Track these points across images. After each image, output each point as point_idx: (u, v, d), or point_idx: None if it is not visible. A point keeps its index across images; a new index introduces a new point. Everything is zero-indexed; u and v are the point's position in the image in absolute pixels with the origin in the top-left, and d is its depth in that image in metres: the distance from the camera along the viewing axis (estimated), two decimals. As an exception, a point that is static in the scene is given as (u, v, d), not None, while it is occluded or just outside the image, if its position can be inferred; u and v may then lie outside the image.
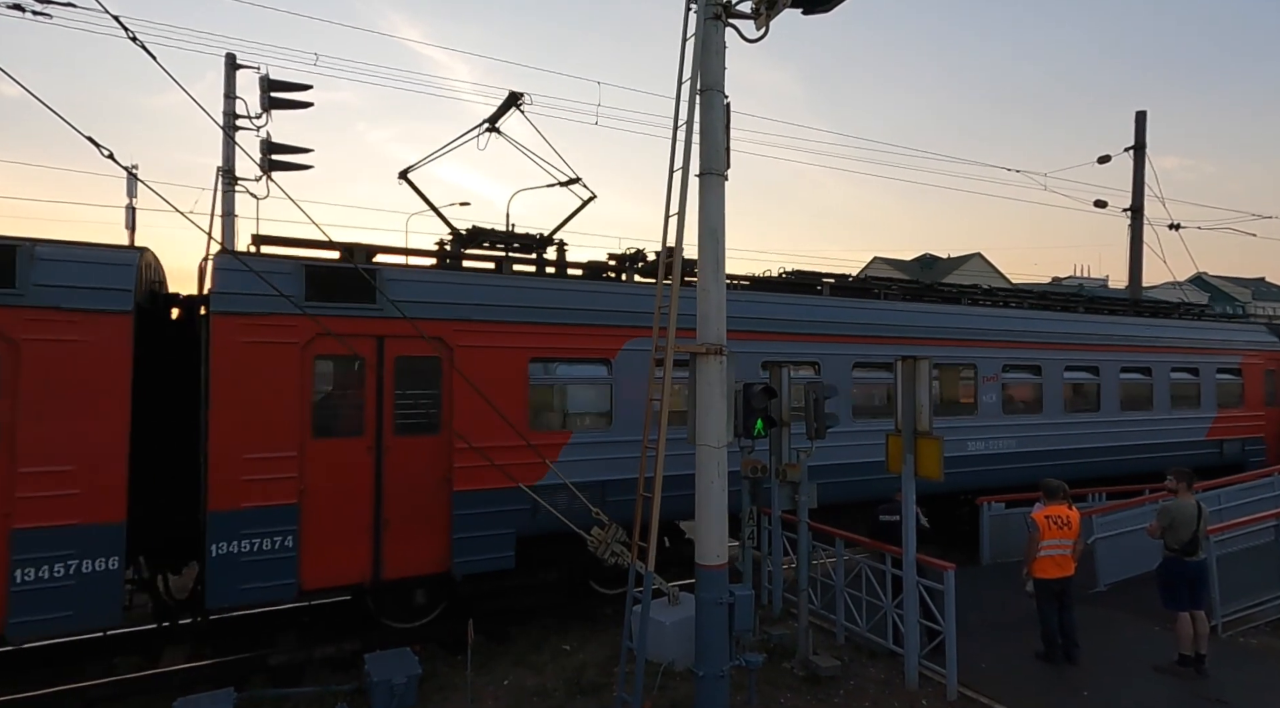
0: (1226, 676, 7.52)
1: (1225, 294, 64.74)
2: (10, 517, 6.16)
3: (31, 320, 6.28)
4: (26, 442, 6.24)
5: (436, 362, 8.05)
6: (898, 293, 12.40)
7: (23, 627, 6.25)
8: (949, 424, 11.52)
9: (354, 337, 7.55)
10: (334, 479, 7.49)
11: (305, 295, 7.39)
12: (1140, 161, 19.43)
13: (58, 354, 6.36)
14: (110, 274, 6.66)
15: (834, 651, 8.04)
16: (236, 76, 13.95)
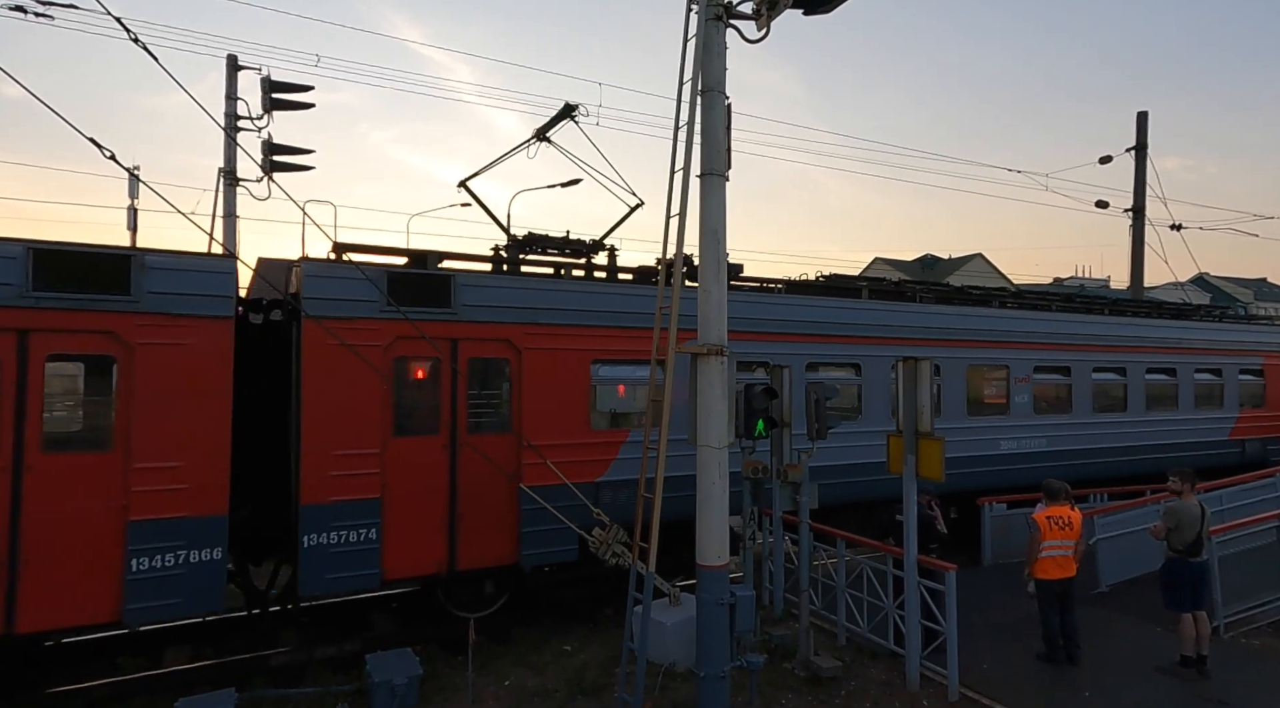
0: (1228, 677, 7.51)
1: (1227, 295, 64.65)
2: (127, 510, 6.59)
3: (144, 326, 6.70)
4: (140, 439, 6.66)
5: (506, 363, 8.44)
6: (933, 296, 12.67)
7: (138, 613, 6.67)
8: (983, 424, 12.04)
9: (433, 339, 7.89)
10: (412, 475, 7.84)
11: (387, 300, 7.73)
12: (1141, 162, 19.43)
13: (167, 357, 6.77)
14: (213, 281, 7.06)
15: (835, 651, 8.03)
16: (238, 77, 13.96)
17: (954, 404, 11.79)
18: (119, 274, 6.65)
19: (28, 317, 6.35)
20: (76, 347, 6.58)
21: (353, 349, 7.45)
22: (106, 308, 6.60)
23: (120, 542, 6.57)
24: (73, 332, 6.52)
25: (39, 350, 6.42)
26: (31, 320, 6.37)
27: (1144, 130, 19.49)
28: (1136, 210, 19.41)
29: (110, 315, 6.61)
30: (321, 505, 7.34)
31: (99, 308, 6.57)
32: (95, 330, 6.57)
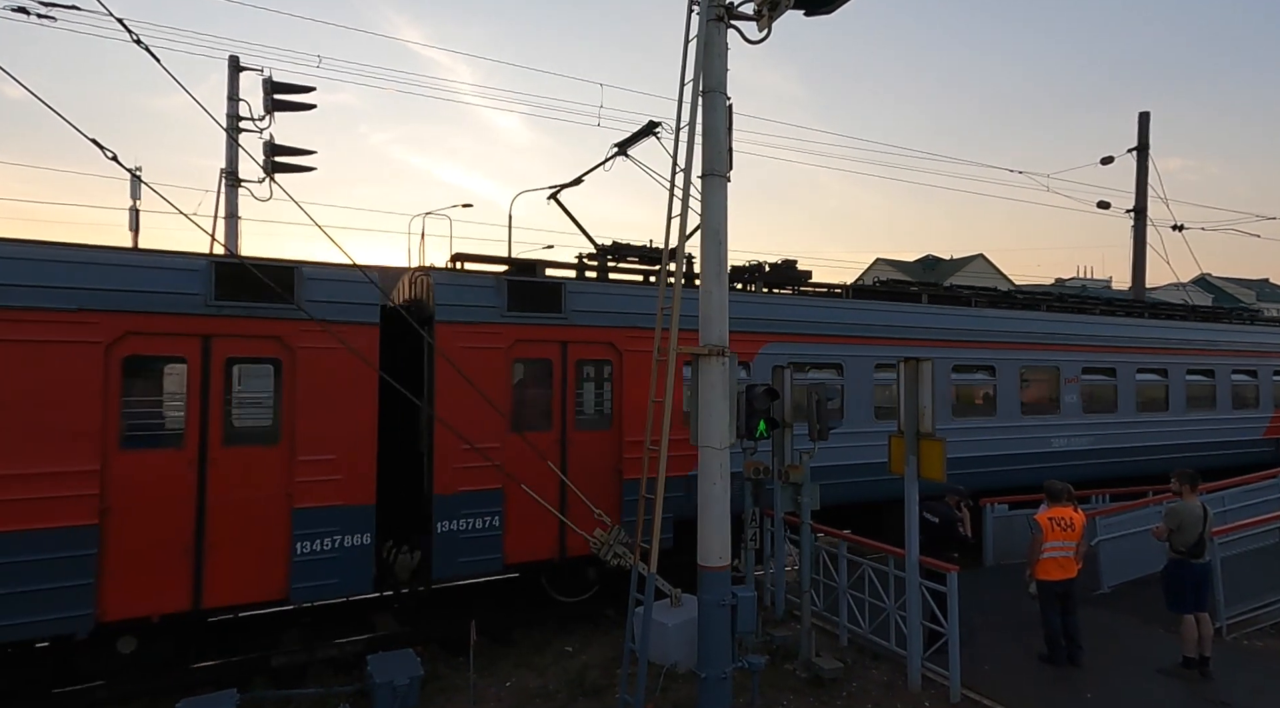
0: (1231, 678, 7.50)
1: (1229, 295, 64.54)
2: (291, 498, 7.25)
3: (305, 331, 7.32)
4: (303, 434, 7.31)
5: (608, 364, 9.07)
6: (985, 301, 13.23)
7: (301, 591, 7.35)
8: (1036, 422, 12.65)
9: (545, 343, 8.60)
10: (529, 468, 8.30)
11: (507, 306, 8.40)
12: (1143, 162, 19.42)
13: (324, 360, 7.41)
14: (362, 291, 7.69)
15: (837, 652, 8.02)
16: (240, 78, 14.00)
17: (1009, 404, 12.32)
18: (284, 285, 7.26)
19: (210, 324, 7.04)
20: (250, 350, 7.27)
21: (477, 351, 8.14)
22: (274, 315, 7.25)
23: (286, 527, 7.22)
24: (247, 337, 7.23)
25: (219, 353, 7.12)
26: (213, 327, 7.06)
27: (1146, 131, 19.48)
28: (1138, 211, 19.40)
29: (277, 322, 7.30)
30: (451, 495, 7.96)
31: (268, 315, 7.24)
32: (265, 336, 7.27)
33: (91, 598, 6.44)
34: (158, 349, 6.91)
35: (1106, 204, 20.03)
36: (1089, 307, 14.82)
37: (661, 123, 10.27)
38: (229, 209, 14.04)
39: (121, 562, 6.59)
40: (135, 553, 6.65)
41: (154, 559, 6.73)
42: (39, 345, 6.31)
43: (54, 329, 6.37)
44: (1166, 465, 13.58)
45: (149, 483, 6.73)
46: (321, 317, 7.31)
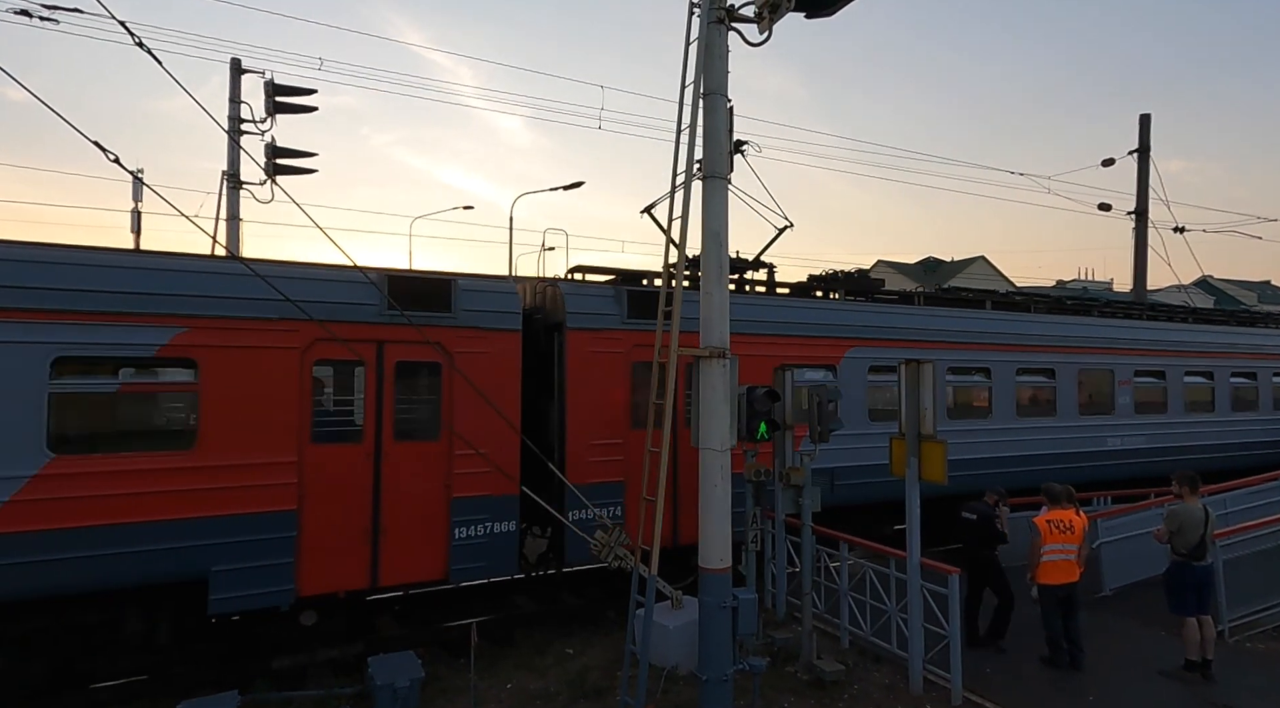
0: (1233, 681, 7.48)
1: (1230, 297, 64.47)
2: (450, 488, 8.06)
3: (460, 337, 8.15)
4: (459, 430, 8.07)
5: None
6: (1044, 306, 13.94)
7: (459, 572, 8.15)
8: (1093, 422, 13.36)
9: (646, 347, 8.95)
10: (629, 464, 9.04)
11: (627, 314, 9.21)
12: (1144, 165, 19.41)
13: (476, 363, 8.16)
14: (507, 300, 8.56)
15: (838, 655, 8.01)
16: (241, 81, 14.01)
17: (1068, 405, 13.04)
18: (443, 295, 8.11)
19: (383, 331, 7.81)
20: (416, 355, 8.00)
21: (602, 355, 8.96)
22: (435, 323, 8.02)
23: (446, 515, 8.02)
24: (413, 343, 7.94)
25: (390, 358, 7.89)
26: (385, 334, 7.82)
27: (1147, 133, 19.47)
28: (1139, 213, 19.39)
29: (438, 329, 8.05)
30: (581, 486, 8.59)
31: (430, 323, 7.99)
32: (428, 342, 7.98)
33: (292, 575, 7.28)
34: (341, 354, 7.68)
35: (1108, 206, 20.03)
36: (1136, 312, 15.43)
37: (748, 142, 10.91)
38: (230, 211, 14.04)
39: (314, 543, 7.42)
40: (325, 535, 7.46)
41: (340, 542, 7.55)
42: (255, 351, 7.18)
43: (265, 337, 7.22)
44: (1212, 464, 14.63)
45: (335, 474, 7.52)
46: (474, 324, 8.22)
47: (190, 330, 6.94)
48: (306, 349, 7.41)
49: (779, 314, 10.39)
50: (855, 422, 10.64)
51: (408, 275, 8.11)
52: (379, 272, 7.96)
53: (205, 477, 6.92)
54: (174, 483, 6.79)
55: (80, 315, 6.49)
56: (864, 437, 10.63)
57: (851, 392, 10.66)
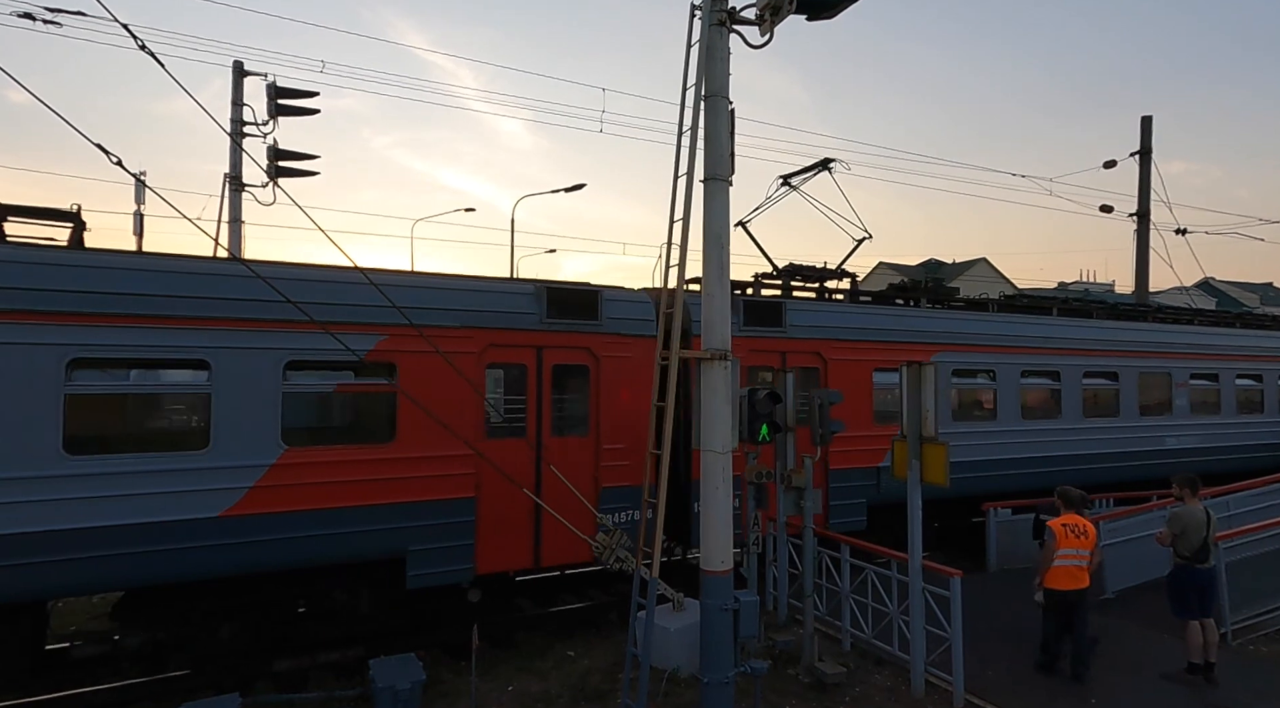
0: (1236, 684, 7.46)
1: (1233, 299, 64.33)
2: (599, 479, 8.95)
3: (606, 343, 9.05)
4: (605, 426, 8.97)
5: (816, 371, 10.70)
6: (1105, 313, 14.79)
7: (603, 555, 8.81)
8: (1153, 423, 14.17)
9: (770, 352, 10.26)
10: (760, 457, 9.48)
11: (744, 322, 9.97)
12: (1146, 167, 19.39)
13: (619, 366, 9.08)
14: (643, 309, 9.46)
15: (840, 657, 8.00)
16: (244, 84, 14.04)
17: (1130, 406, 13.88)
18: (592, 305, 9.01)
19: (542, 337, 8.70)
20: (569, 358, 8.89)
21: None
22: (585, 330, 8.93)
23: (595, 503, 8.82)
24: (567, 348, 8.87)
25: (548, 361, 8.76)
26: (544, 340, 8.71)
27: (1148, 135, 19.46)
28: (1141, 215, 19.37)
29: (587, 336, 8.96)
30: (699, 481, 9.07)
31: (581, 330, 8.90)
32: (579, 347, 8.92)
33: (472, 555, 8.16)
34: (508, 358, 8.62)
35: (1109, 208, 20.01)
36: (1188, 318, 16.17)
37: (836, 160, 11.68)
38: (233, 214, 14.06)
39: (489, 527, 8.31)
40: (497, 520, 8.35)
41: (509, 526, 8.43)
42: (450, 357, 7.85)
43: (450, 343, 8.02)
44: (1259, 462, 15.32)
45: (504, 465, 8.11)
46: (617, 331, 9.13)
47: (390, 338, 7.80)
48: (482, 353, 8.35)
49: (872, 322, 11.28)
50: (941, 421, 11.30)
51: (562, 287, 8.98)
52: (537, 284, 8.88)
53: (403, 467, 7.78)
54: (378, 472, 7.66)
55: (307, 325, 7.13)
56: (951, 435, 11.32)
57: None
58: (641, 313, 9.45)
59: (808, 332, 10.55)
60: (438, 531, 7.92)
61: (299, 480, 7.29)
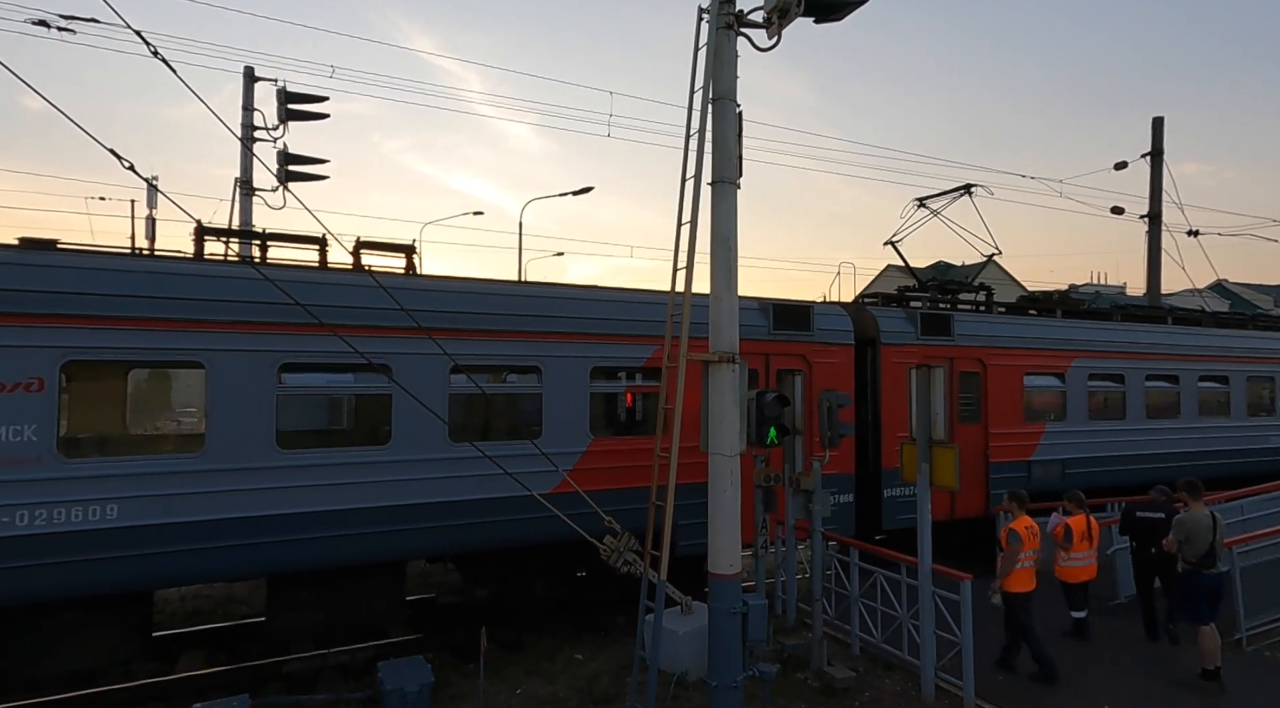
0: (1252, 690, 7.38)
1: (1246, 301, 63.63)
2: None
3: (816, 350, 10.52)
4: (812, 422, 9.48)
5: (978, 375, 11.99)
6: (1213, 321, 15.92)
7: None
8: (1259, 423, 15.40)
9: (941, 358, 11.41)
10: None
11: (920, 332, 11.47)
12: (1158, 168, 19.25)
13: (826, 370, 10.50)
14: (843, 322, 10.95)
15: (849, 662, 7.96)
16: (255, 89, 14.14)
17: (1239, 407, 15.11)
18: (805, 318, 10.54)
19: (770, 346, 10.16)
20: (789, 363, 10.20)
21: (901, 365, 10.93)
22: (801, 339, 10.42)
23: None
24: (788, 354, 10.29)
25: (774, 366, 10.22)
26: (771, 348, 10.18)
27: (1160, 136, 19.32)
28: (1152, 216, 19.23)
29: (802, 344, 10.43)
30: (891, 470, 10.85)
31: (798, 339, 10.41)
32: (796, 354, 10.34)
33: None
34: (748, 363, 9.30)
35: (1120, 209, 19.87)
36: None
37: (976, 185, 12.94)
38: (243, 218, 14.17)
39: None
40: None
41: (744, 508, 8.98)
42: (700, 363, 8.97)
43: (704, 350, 8.81)
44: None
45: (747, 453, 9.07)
46: (824, 340, 10.61)
47: (660, 348, 8.72)
48: None
49: (1022, 331, 12.63)
50: (1078, 420, 12.93)
51: (784, 304, 10.52)
52: (763, 301, 10.36)
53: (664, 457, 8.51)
54: (640, 461, 8.73)
55: (610, 338, 8.97)
56: (1087, 433, 12.98)
57: (1076, 395, 12.91)
58: (841, 324, 10.92)
59: (971, 340, 12.00)
60: (695, 509, 8.66)
61: (601, 466, 8.75)
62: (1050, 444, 12.49)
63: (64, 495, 6.33)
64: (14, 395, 6.23)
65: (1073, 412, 12.84)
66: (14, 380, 6.24)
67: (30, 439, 6.24)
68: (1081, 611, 8.77)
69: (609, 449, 8.87)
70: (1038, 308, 13.96)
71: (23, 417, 6.24)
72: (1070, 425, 12.76)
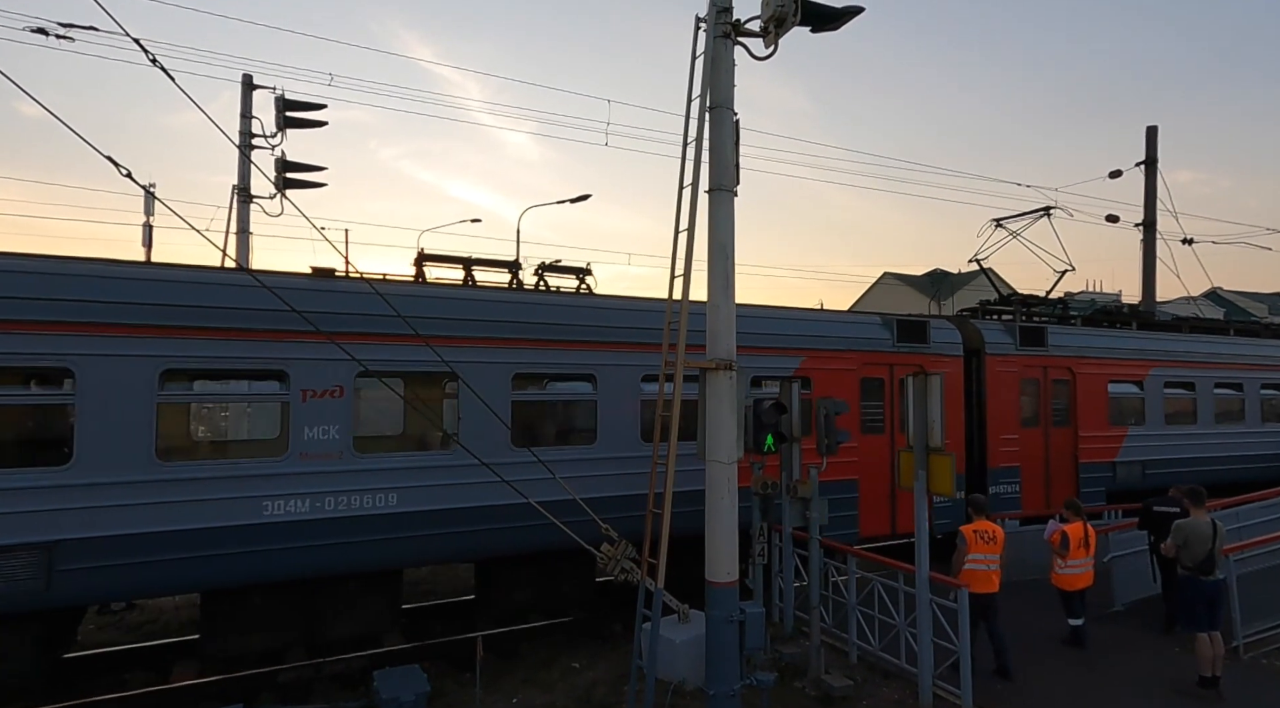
0: (1249, 698, 7.38)
1: (1241, 309, 63.98)
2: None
3: (931, 361, 11.58)
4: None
5: (1067, 382, 13.19)
6: (1270, 333, 16.93)
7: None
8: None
9: (1035, 367, 12.76)
10: (1030, 452, 12.63)
11: (1018, 343, 12.58)
12: (1152, 176, 19.36)
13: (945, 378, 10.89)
14: (953, 334, 12.15)
15: (846, 670, 7.93)
16: (253, 96, 14.17)
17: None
18: (923, 332, 11.72)
19: (893, 357, 11.42)
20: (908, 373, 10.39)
21: (1004, 373, 12.34)
22: (919, 351, 11.55)
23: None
24: (908, 365, 11.19)
25: (896, 375, 11.24)
26: (894, 359, 11.41)
27: (1154, 145, 19.44)
28: (1147, 225, 19.32)
29: (920, 355, 11.53)
30: (996, 468, 12.17)
31: (917, 351, 11.52)
32: (915, 364, 11.20)
33: (857, 522, 10.84)
34: (872, 373, 11.26)
35: (1115, 218, 19.96)
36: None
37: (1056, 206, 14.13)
38: (241, 224, 14.17)
39: (866, 502, 10.97)
40: (869, 497, 10.97)
41: (874, 502, 11.04)
42: (837, 372, 10.80)
43: (842, 361, 10.88)
44: None
45: (872, 455, 10.98)
46: (939, 352, 11.75)
47: (808, 357, 10.57)
48: (858, 370, 11.03)
49: (1106, 343, 13.83)
50: (1156, 424, 14.11)
51: (905, 320, 11.77)
52: (885, 317, 11.73)
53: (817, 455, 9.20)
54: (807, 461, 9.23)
55: (763, 350, 10.05)
56: (1164, 436, 14.09)
57: (1153, 401, 14.11)
58: (951, 337, 12.07)
59: (1062, 350, 13.06)
60: (841, 503, 10.15)
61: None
62: (1132, 447, 13.63)
63: (357, 486, 7.57)
64: (323, 401, 7.47)
65: (1150, 417, 14.03)
66: (323, 388, 7.48)
67: (334, 437, 7.45)
68: (1079, 618, 8.77)
69: None
70: (1110, 320, 15.13)
71: (329, 418, 7.47)
72: (1149, 429, 13.93)
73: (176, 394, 7.34)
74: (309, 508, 7.34)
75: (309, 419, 7.40)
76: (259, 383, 7.54)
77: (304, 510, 7.33)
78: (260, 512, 7.13)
